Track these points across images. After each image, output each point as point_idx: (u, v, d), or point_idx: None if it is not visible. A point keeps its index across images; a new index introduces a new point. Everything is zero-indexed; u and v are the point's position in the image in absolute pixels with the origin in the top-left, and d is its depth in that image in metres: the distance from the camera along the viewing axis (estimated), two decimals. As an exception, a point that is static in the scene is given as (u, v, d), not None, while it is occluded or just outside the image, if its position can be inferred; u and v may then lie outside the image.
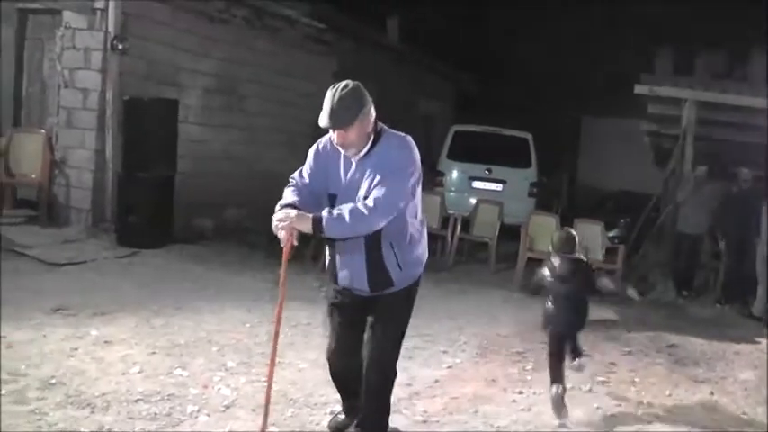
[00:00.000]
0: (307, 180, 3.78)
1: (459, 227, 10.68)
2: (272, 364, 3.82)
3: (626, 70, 15.41)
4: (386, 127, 3.69)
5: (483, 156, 12.83)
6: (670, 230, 10.79)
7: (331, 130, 3.58)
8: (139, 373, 4.94)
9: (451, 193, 12.49)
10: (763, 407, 5.63)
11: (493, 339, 6.87)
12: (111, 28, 8.49)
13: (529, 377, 5.88)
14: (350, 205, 3.48)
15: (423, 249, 3.90)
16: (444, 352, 6.27)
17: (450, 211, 11.01)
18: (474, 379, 5.69)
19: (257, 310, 6.74)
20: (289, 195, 3.70)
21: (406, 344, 6.32)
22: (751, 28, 12.78)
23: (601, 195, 18.69)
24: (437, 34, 18.17)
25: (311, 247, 9.40)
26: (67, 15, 8.73)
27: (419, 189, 3.74)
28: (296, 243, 3.54)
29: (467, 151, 12.93)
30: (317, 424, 4.45)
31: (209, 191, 9.68)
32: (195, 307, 6.61)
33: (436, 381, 5.52)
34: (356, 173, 3.63)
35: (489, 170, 12.83)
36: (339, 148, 3.62)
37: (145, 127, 8.32)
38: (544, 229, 9.70)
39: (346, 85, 3.53)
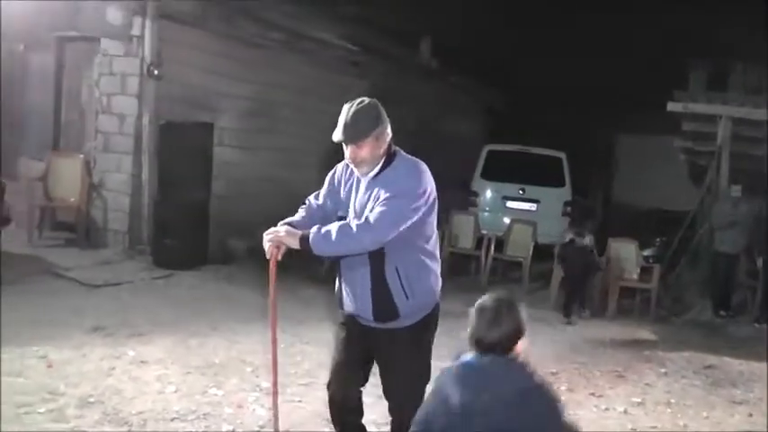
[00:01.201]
0: (320, 201, 3.69)
1: (492, 247, 10.67)
2: (275, 392, 3.68)
3: (660, 86, 15.36)
4: (401, 151, 3.54)
5: (517, 175, 12.80)
6: (706, 249, 10.67)
7: (344, 145, 3.46)
8: (175, 392, 5.01)
9: (485, 213, 12.48)
10: (803, 429, 5.54)
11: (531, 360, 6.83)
12: (147, 54, 8.67)
13: (564, 397, 5.81)
14: (339, 223, 3.37)
15: (435, 278, 3.59)
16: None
17: (484, 231, 11.01)
18: (508, 399, 5.66)
19: (291, 331, 6.77)
20: (296, 215, 3.64)
21: (440, 363, 6.41)
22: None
23: (636, 214, 18.50)
24: (469, 53, 18.21)
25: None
26: (105, 42, 8.94)
27: (434, 215, 3.51)
28: (280, 258, 3.44)
29: (500, 171, 12.91)
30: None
31: (243, 212, 9.76)
32: (230, 328, 6.68)
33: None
34: (365, 194, 3.48)
35: (523, 189, 12.80)
36: (351, 166, 3.52)
37: (180, 150, 8.45)
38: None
39: (362, 101, 3.44)
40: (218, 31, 9.46)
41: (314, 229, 3.33)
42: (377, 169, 3.46)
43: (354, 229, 3.28)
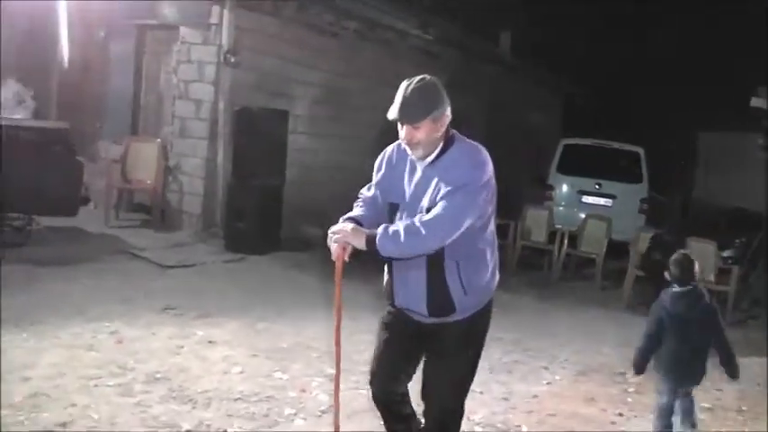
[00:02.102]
0: (373, 191, 3.47)
1: (566, 241, 10.48)
2: (337, 396, 3.44)
3: (743, 83, 14.80)
4: (458, 134, 3.30)
5: (593, 170, 12.53)
6: None
7: (399, 125, 3.21)
8: (240, 373, 5.06)
9: (560, 208, 12.27)
10: None
11: (595, 358, 6.67)
12: (224, 42, 8.81)
13: (629, 399, 5.67)
14: (407, 221, 3.14)
15: (493, 273, 3.38)
16: (545, 368, 6.14)
17: (558, 226, 10.83)
18: (573, 397, 5.54)
19: (358, 319, 6.78)
20: (355, 210, 3.42)
21: (506, 358, 6.32)
22: None
23: (715, 213, 17.90)
24: (548, 47, 17.95)
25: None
26: (183, 31, 9.16)
27: (492, 206, 3.28)
28: (347, 259, 3.22)
29: (577, 165, 12.66)
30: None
31: (315, 199, 9.85)
32: (297, 314, 6.72)
33: (534, 396, 5.41)
34: (421, 180, 3.24)
35: (599, 184, 12.52)
36: (406, 149, 3.27)
37: (255, 136, 8.54)
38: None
39: (423, 78, 3.18)
40: (293, 20, 9.56)
41: (380, 229, 3.12)
42: (435, 154, 3.22)
43: (423, 230, 3.06)
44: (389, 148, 3.48)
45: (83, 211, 8.53)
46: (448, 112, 3.20)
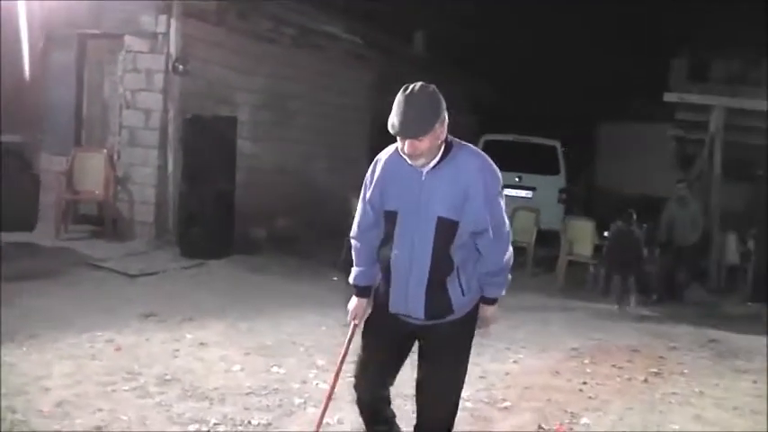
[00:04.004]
0: (372, 220, 3.39)
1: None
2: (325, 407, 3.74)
3: (641, 75, 15.86)
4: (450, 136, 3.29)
5: (513, 164, 13.22)
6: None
7: (399, 139, 3.17)
8: (241, 371, 5.38)
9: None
10: (805, 393, 6.04)
11: (548, 337, 7.31)
12: (172, 51, 8.98)
13: (588, 370, 6.31)
14: (495, 262, 3.30)
15: None
16: (507, 348, 6.69)
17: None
18: (540, 372, 6.12)
19: (329, 315, 7.20)
20: (359, 262, 3.47)
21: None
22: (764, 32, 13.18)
23: (619, 199, 19.03)
24: (459, 46, 18.62)
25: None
26: (129, 39, 9.24)
27: None
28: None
29: (497, 160, 13.22)
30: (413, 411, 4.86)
31: (260, 202, 10.14)
32: (272, 312, 7.07)
33: (507, 373, 5.95)
34: (425, 185, 3.20)
35: (520, 177, 13.26)
36: (406, 160, 3.19)
37: (207, 143, 8.76)
38: (583, 233, 10.27)
39: (422, 89, 3.10)
40: (236, 28, 9.82)
41: (491, 290, 3.35)
42: (437, 159, 3.19)
43: (506, 254, 3.33)
44: (382, 156, 3.37)
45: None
46: (446, 116, 3.16)
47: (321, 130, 11.97)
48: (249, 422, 4.48)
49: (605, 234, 10.09)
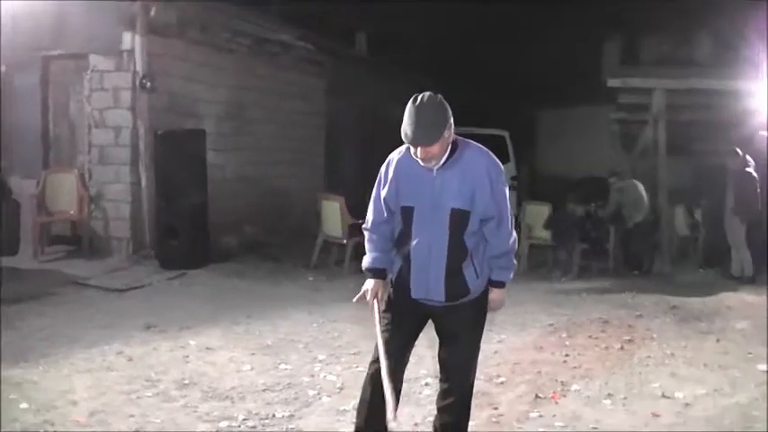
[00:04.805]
0: (386, 215, 3.78)
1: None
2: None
3: (577, 60, 16.41)
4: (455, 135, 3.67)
5: None
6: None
7: (411, 147, 3.56)
8: (251, 370, 5.68)
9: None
10: (763, 347, 6.60)
11: (524, 316, 7.75)
12: (138, 67, 9.15)
13: (567, 343, 6.79)
14: (500, 246, 3.69)
15: None
16: (490, 330, 7.03)
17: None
18: (524, 348, 6.57)
19: (316, 312, 7.57)
20: (372, 251, 3.82)
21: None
22: (692, 12, 13.85)
23: (567, 183, 19.69)
24: (400, 44, 18.98)
25: (333, 253, 10.28)
26: (94, 59, 9.37)
27: None
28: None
29: None
30: (420, 393, 5.26)
31: (227, 211, 10.37)
32: (263, 315, 7.37)
33: (495, 352, 6.37)
34: (437, 182, 3.60)
35: (471, 167, 13.70)
36: (419, 162, 3.58)
37: (179, 157, 8.99)
38: (541, 217, 10.85)
39: (430, 99, 3.49)
40: (197, 41, 10.03)
41: (497, 274, 3.73)
42: (445, 158, 3.57)
43: (510, 239, 3.72)
44: (395, 157, 3.74)
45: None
46: (452, 121, 3.55)
47: (280, 137, 12.24)
48: (273, 415, 4.79)
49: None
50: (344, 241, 9.92)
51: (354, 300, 3.88)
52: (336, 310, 7.56)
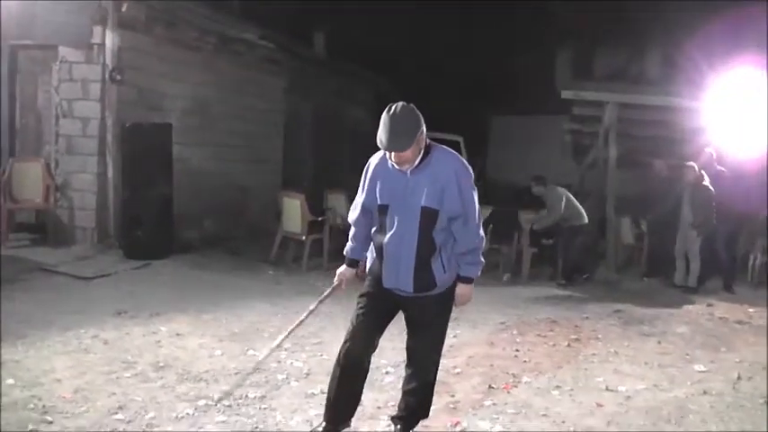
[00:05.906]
0: (361, 210, 4.20)
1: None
2: None
3: (528, 70, 16.90)
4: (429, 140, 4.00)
5: None
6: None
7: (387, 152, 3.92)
8: (222, 355, 5.96)
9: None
10: (700, 350, 7.14)
11: (477, 314, 8.12)
12: (108, 60, 9.31)
13: (518, 339, 7.21)
14: (466, 244, 4.01)
15: None
16: (446, 325, 7.49)
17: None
18: (478, 344, 6.96)
19: (279, 304, 7.86)
20: (355, 240, 4.29)
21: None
22: (644, 28, 14.38)
23: (515, 190, 20.15)
24: (357, 45, 19.26)
25: (291, 248, 10.56)
26: (63, 50, 9.49)
27: None
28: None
29: None
30: (381, 381, 5.59)
31: (189, 205, 10.57)
32: (228, 304, 7.64)
33: (451, 346, 6.69)
34: (410, 183, 3.94)
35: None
36: (395, 165, 3.94)
37: (146, 149, 9.18)
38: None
39: (402, 109, 3.81)
40: (165, 37, 10.22)
41: (465, 269, 4.06)
42: (417, 161, 3.91)
43: (477, 237, 4.04)
44: (375, 160, 4.12)
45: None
46: (424, 128, 3.89)
47: (241, 133, 12.48)
48: (247, 396, 5.08)
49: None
50: (303, 237, 10.20)
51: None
52: (298, 303, 7.82)
